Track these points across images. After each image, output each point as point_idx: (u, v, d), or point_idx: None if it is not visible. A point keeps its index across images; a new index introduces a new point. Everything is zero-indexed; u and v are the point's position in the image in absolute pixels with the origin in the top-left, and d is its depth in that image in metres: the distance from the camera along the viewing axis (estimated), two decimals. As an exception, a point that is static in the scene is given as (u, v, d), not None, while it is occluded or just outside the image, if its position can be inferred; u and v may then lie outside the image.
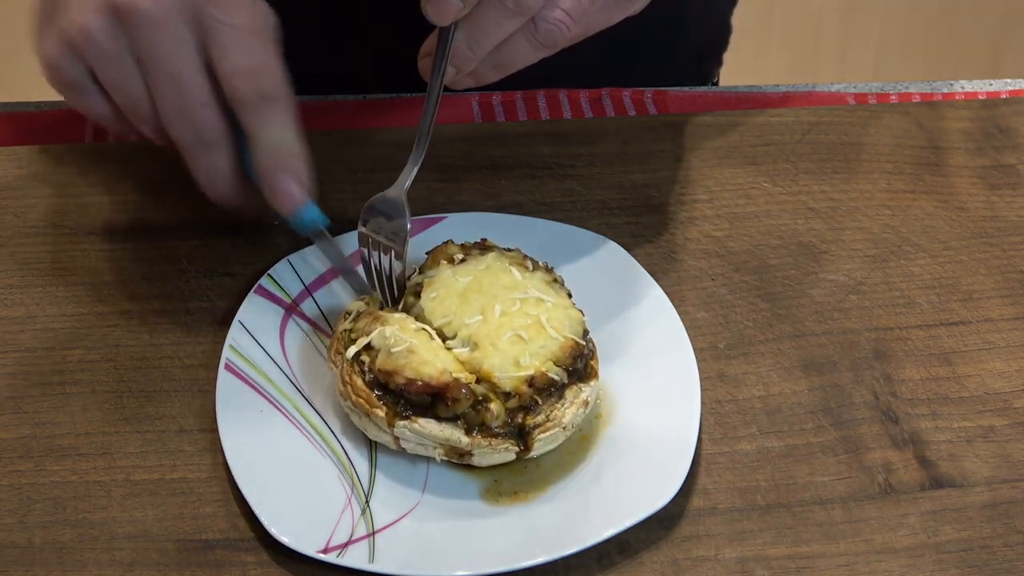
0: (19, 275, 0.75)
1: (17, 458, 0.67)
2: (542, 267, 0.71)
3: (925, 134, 0.87)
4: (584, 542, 0.63)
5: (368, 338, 0.66)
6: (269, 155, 0.65)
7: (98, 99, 0.67)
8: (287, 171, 0.66)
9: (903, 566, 0.65)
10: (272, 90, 0.64)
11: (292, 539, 0.62)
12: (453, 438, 0.64)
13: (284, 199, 0.66)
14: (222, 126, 0.65)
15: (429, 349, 0.65)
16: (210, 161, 0.66)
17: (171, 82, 0.63)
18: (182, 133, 0.65)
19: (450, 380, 0.64)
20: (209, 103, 0.64)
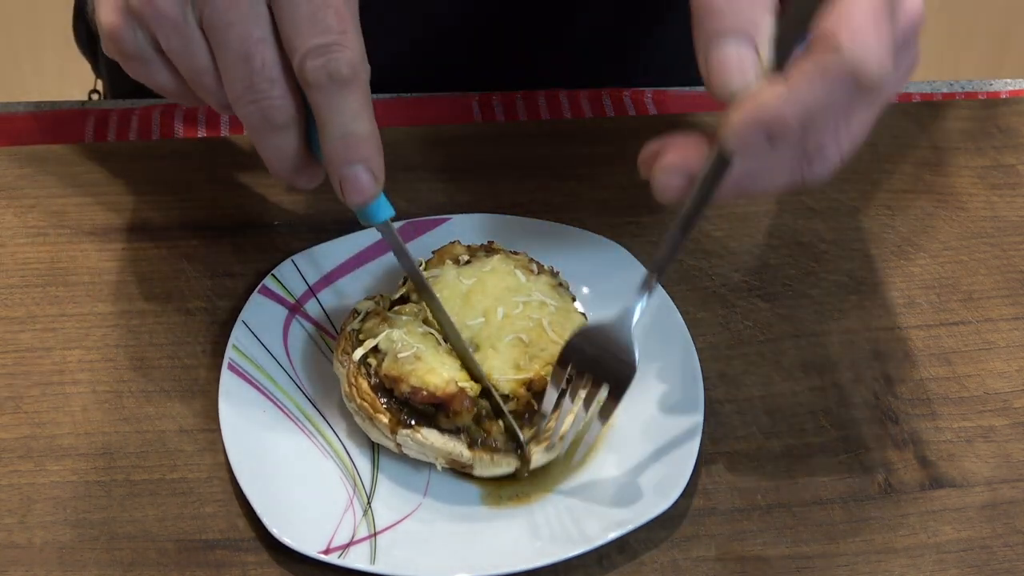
0: (19, 275, 0.75)
1: (17, 458, 0.67)
2: (547, 271, 0.71)
3: (925, 134, 0.87)
4: (586, 545, 0.63)
5: (375, 341, 0.66)
6: (339, 143, 0.59)
7: (162, 70, 0.61)
8: (358, 161, 0.60)
9: (903, 566, 0.65)
10: (346, 72, 0.58)
11: (294, 540, 0.62)
12: (455, 451, 0.64)
13: (354, 192, 0.60)
14: (292, 107, 0.59)
15: (436, 356, 0.65)
16: (277, 142, 0.61)
17: (239, 58, 0.58)
18: (248, 112, 0.60)
19: (455, 391, 0.64)
20: (278, 80, 0.59)
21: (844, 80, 0.54)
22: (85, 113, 0.86)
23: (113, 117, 0.86)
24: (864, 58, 0.53)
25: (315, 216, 0.78)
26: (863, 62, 0.53)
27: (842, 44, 0.53)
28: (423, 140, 0.84)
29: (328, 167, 0.60)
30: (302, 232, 0.78)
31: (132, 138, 0.84)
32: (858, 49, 0.53)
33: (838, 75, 0.54)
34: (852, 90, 0.54)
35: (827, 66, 0.54)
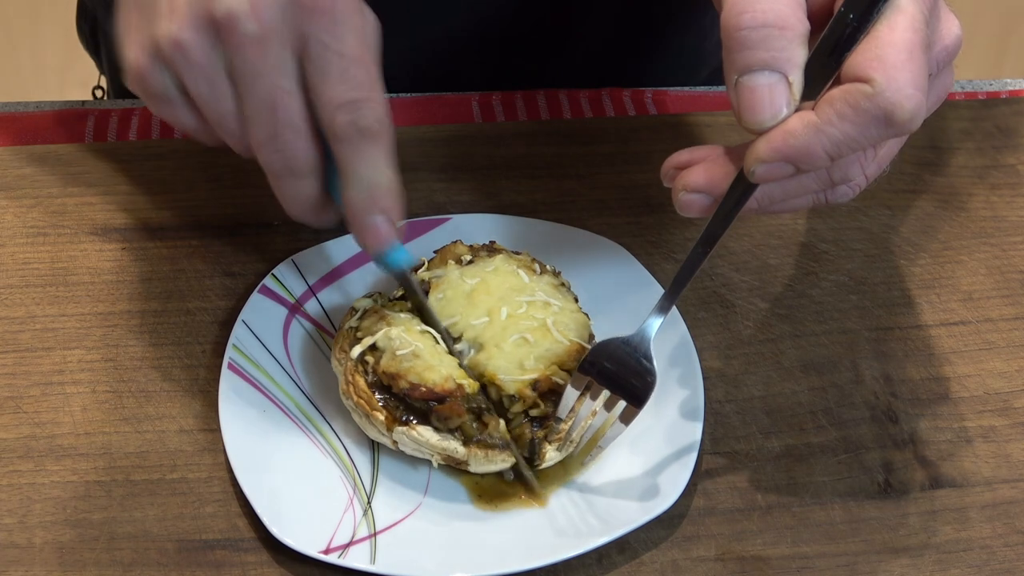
0: (19, 275, 0.75)
1: (17, 458, 0.67)
2: (550, 271, 0.71)
3: (925, 134, 0.87)
4: (586, 545, 0.63)
5: (373, 338, 0.66)
6: (362, 193, 0.61)
7: (185, 111, 0.62)
8: (379, 212, 0.61)
9: (903, 566, 0.65)
10: (373, 125, 0.59)
11: (294, 540, 0.62)
12: (450, 448, 0.64)
13: (373, 239, 0.62)
14: (313, 155, 0.61)
15: (434, 354, 0.65)
16: (297, 188, 0.62)
17: (264, 106, 0.59)
18: (271, 160, 0.61)
19: (453, 387, 0.64)
20: (302, 131, 0.60)
21: (877, 119, 0.54)
22: (85, 113, 0.86)
23: (113, 117, 0.86)
24: (898, 100, 0.53)
25: (315, 216, 0.78)
26: (897, 104, 0.53)
27: (876, 83, 0.53)
28: (423, 140, 0.84)
29: (349, 215, 0.62)
30: (302, 232, 0.78)
31: (132, 138, 0.84)
32: (893, 91, 0.53)
33: (872, 115, 0.54)
34: (884, 128, 0.54)
35: (861, 105, 0.54)
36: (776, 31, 0.55)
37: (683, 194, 0.60)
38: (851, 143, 0.55)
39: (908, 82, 0.53)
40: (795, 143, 0.55)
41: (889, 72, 0.53)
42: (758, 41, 0.55)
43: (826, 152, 0.55)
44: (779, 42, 0.55)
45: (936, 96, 0.60)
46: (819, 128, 0.54)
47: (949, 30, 0.58)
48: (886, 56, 0.54)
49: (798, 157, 0.55)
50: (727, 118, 0.88)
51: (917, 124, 0.55)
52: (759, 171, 0.56)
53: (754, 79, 0.55)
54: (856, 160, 0.58)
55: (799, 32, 0.55)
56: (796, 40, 0.55)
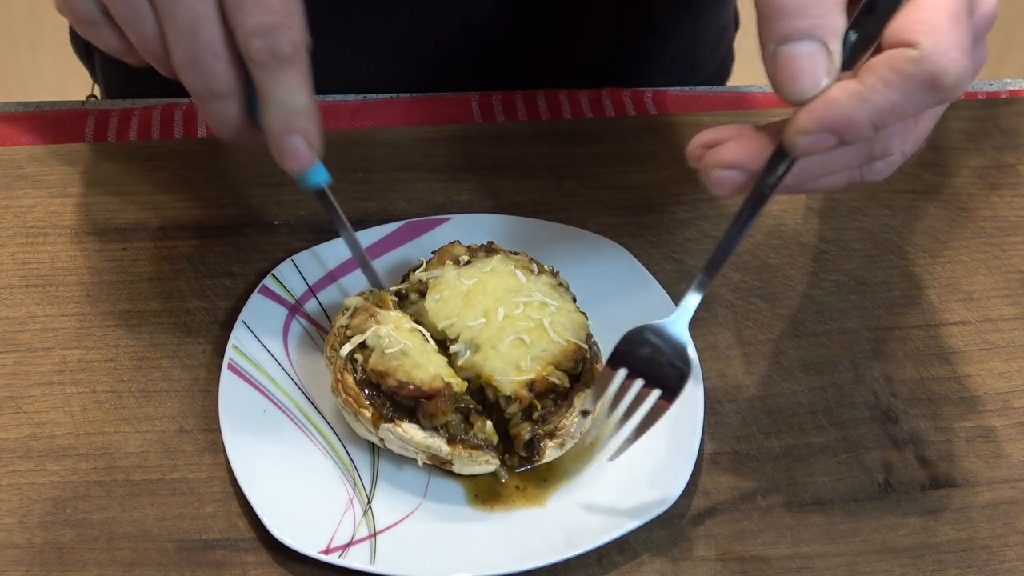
0: (19, 275, 0.75)
1: (17, 458, 0.67)
2: (547, 271, 0.70)
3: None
4: (585, 545, 0.63)
5: (363, 337, 0.66)
6: (279, 116, 0.62)
7: (110, 34, 0.64)
8: (297, 132, 0.63)
9: (903, 566, 0.65)
10: (287, 50, 0.60)
11: (294, 540, 0.62)
12: (434, 446, 0.64)
13: (291, 159, 0.64)
14: (232, 79, 0.62)
15: (423, 352, 0.65)
16: (219, 109, 0.64)
17: (184, 31, 0.61)
18: (192, 81, 0.62)
19: (441, 386, 0.64)
20: (221, 55, 0.61)
21: (923, 84, 0.52)
22: (85, 113, 0.86)
23: (113, 117, 0.86)
24: (945, 65, 0.52)
25: (315, 216, 0.78)
26: (944, 69, 0.52)
27: (922, 47, 0.52)
28: (423, 140, 0.84)
29: (268, 136, 0.63)
30: (302, 232, 0.78)
31: (132, 138, 0.84)
32: (939, 54, 0.52)
33: (918, 80, 0.52)
34: (930, 94, 0.53)
35: (906, 70, 0.52)
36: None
37: (717, 171, 0.58)
38: (896, 111, 0.53)
39: (954, 45, 0.52)
40: (838, 112, 0.53)
41: (935, 35, 0.52)
42: (796, 8, 0.53)
43: (871, 121, 0.53)
44: (818, 9, 0.53)
45: (975, 69, 0.58)
46: (863, 96, 0.53)
47: (988, 2, 0.58)
48: (931, 19, 0.52)
49: (842, 127, 0.53)
50: (728, 118, 0.88)
51: (963, 89, 0.53)
52: (802, 143, 0.55)
53: (793, 48, 0.54)
54: (898, 132, 0.57)
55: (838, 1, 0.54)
56: (835, 7, 0.54)
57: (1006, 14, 2.36)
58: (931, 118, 0.60)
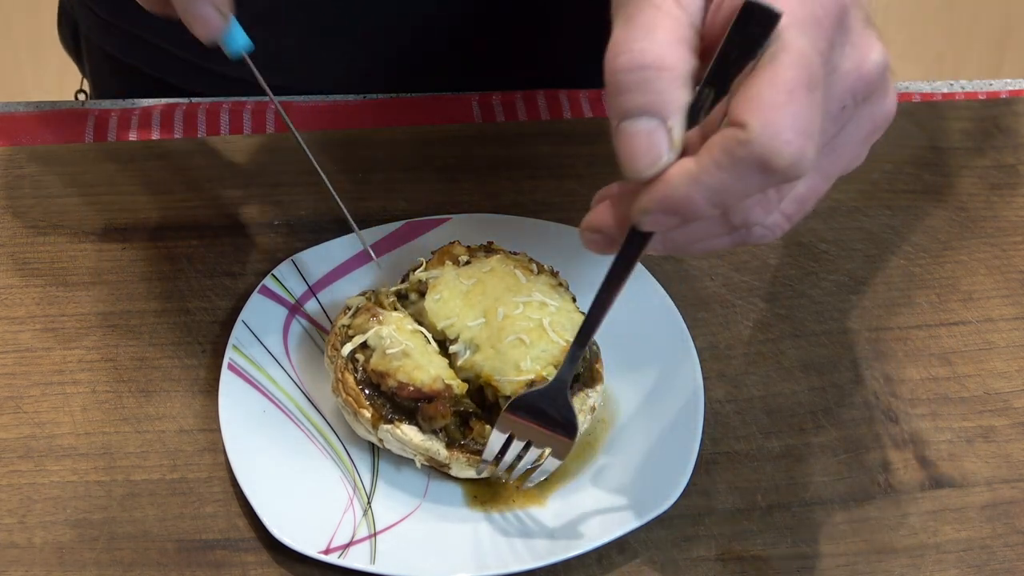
0: (19, 275, 0.75)
1: (17, 458, 0.67)
2: (547, 271, 0.70)
3: (925, 134, 0.87)
4: (586, 545, 0.63)
5: (364, 337, 0.66)
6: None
7: None
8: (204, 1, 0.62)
9: (903, 566, 0.65)
10: None
11: (294, 540, 0.62)
12: (433, 450, 0.64)
13: (202, 27, 0.63)
14: None
15: (424, 354, 0.65)
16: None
17: None
18: None
19: (441, 388, 0.64)
20: None
21: (754, 167, 0.49)
22: (85, 113, 0.86)
23: (113, 117, 0.86)
24: (775, 147, 0.48)
25: (315, 216, 0.78)
26: (774, 151, 0.48)
27: (750, 128, 0.48)
28: (423, 140, 0.84)
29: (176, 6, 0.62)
30: (302, 232, 0.78)
31: (132, 138, 0.84)
32: (768, 136, 0.48)
33: (748, 162, 0.49)
34: (763, 176, 0.49)
35: (736, 152, 0.49)
36: (654, 73, 0.50)
37: (583, 233, 0.56)
38: (732, 192, 0.50)
39: (787, 126, 0.48)
40: (673, 194, 0.51)
41: (766, 115, 0.49)
42: (635, 84, 0.50)
43: (707, 201, 0.51)
44: (657, 84, 0.50)
45: (867, 129, 0.56)
46: (696, 177, 0.50)
47: (865, 57, 0.53)
48: (764, 97, 0.49)
49: (678, 208, 0.51)
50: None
51: (803, 170, 0.50)
52: (644, 221, 0.53)
53: (632, 125, 0.51)
54: (756, 204, 0.53)
55: (680, 73, 0.51)
56: (676, 82, 0.51)
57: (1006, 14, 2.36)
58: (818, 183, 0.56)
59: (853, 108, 0.54)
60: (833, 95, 0.52)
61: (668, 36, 0.51)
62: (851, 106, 0.54)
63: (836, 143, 0.55)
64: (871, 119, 0.55)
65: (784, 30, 0.49)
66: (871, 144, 0.57)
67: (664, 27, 0.51)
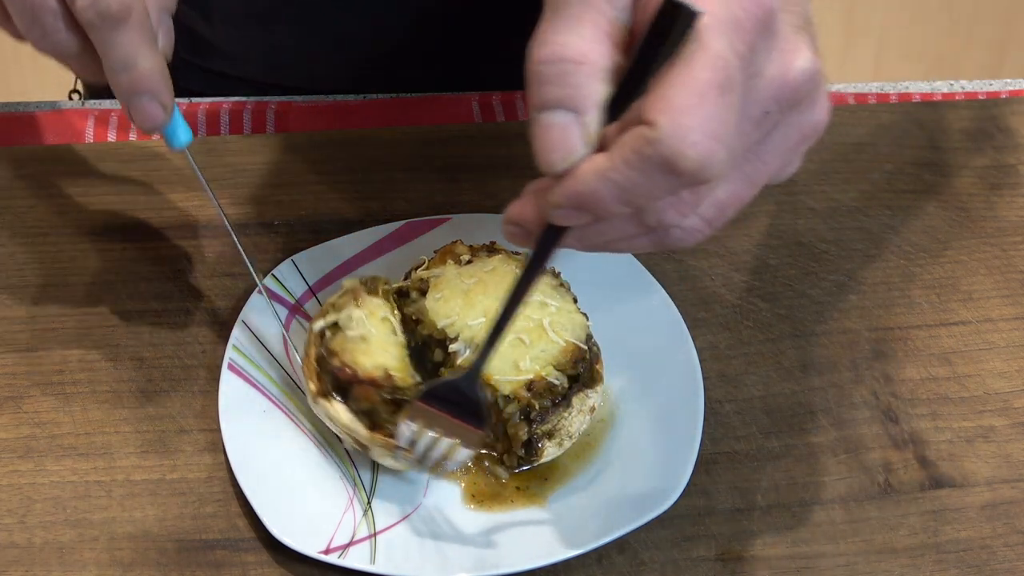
0: (19, 275, 0.75)
1: (17, 458, 0.67)
2: (548, 271, 0.70)
3: (925, 134, 0.87)
4: (586, 545, 0.63)
5: (337, 316, 0.67)
6: (120, 77, 0.61)
7: None
8: (142, 92, 0.62)
9: (903, 566, 0.65)
10: (116, 10, 0.59)
11: (294, 540, 0.62)
12: (355, 429, 0.64)
13: (141, 120, 0.63)
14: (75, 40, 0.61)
15: (381, 343, 0.66)
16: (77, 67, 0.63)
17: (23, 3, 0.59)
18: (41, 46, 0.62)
19: (380, 376, 0.64)
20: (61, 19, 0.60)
21: (660, 167, 0.48)
22: (85, 113, 0.86)
23: (113, 117, 0.86)
24: (680, 148, 0.48)
25: (315, 216, 0.79)
26: (680, 153, 0.48)
27: (658, 128, 0.48)
28: (423, 140, 0.84)
29: (118, 98, 0.62)
30: (302, 232, 0.78)
31: (132, 138, 0.84)
32: (676, 137, 0.48)
33: (655, 162, 0.48)
34: (670, 177, 0.49)
35: (643, 151, 0.48)
36: (573, 66, 0.50)
37: (503, 225, 0.56)
38: (642, 191, 0.49)
39: (696, 127, 0.48)
40: (583, 189, 0.50)
41: (674, 115, 0.48)
42: (553, 76, 0.50)
43: (617, 199, 0.50)
44: (575, 78, 0.50)
45: (795, 137, 0.54)
46: (606, 174, 0.49)
47: (790, 63, 0.52)
48: (674, 97, 0.48)
49: (588, 204, 0.50)
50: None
51: (711, 173, 0.49)
52: (556, 216, 0.52)
53: (548, 117, 0.50)
54: (669, 206, 0.52)
55: (599, 67, 0.50)
56: (594, 76, 0.50)
57: (1006, 14, 2.36)
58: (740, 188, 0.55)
59: (779, 115, 0.53)
60: (755, 100, 0.51)
61: (592, 31, 0.50)
62: (775, 112, 0.52)
63: (761, 150, 0.54)
64: (799, 128, 0.54)
65: (703, 30, 0.48)
66: (801, 153, 0.56)
67: (590, 21, 0.50)
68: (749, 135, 0.52)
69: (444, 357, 0.67)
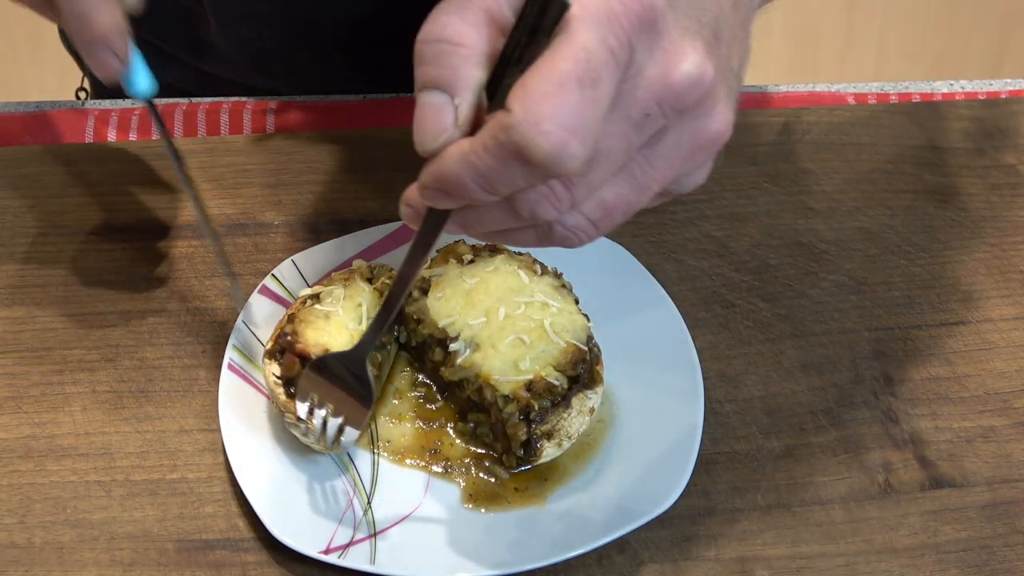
0: (19, 275, 0.75)
1: (17, 458, 0.67)
2: (550, 272, 0.70)
3: (925, 134, 0.87)
4: (586, 546, 0.63)
5: (319, 291, 0.68)
6: (75, 28, 0.61)
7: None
8: (96, 43, 0.62)
9: (903, 566, 0.65)
10: None
11: (294, 540, 0.62)
12: (277, 393, 0.65)
13: (99, 70, 0.63)
14: None
15: (340, 326, 0.67)
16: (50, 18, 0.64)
17: None
18: None
19: (315, 352, 0.65)
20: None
21: (513, 155, 0.48)
22: (85, 113, 0.86)
23: (113, 117, 0.86)
24: (531, 136, 0.47)
25: (315, 216, 0.79)
26: (530, 141, 0.47)
27: (514, 115, 0.47)
28: (423, 140, 0.84)
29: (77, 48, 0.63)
30: (302, 232, 0.78)
31: (132, 138, 0.84)
32: (527, 125, 0.47)
33: (508, 149, 0.48)
34: (523, 166, 0.48)
35: (498, 137, 0.48)
36: (450, 48, 0.49)
37: (401, 204, 0.56)
38: (498, 178, 0.49)
39: (550, 116, 0.47)
40: (445, 171, 0.50)
41: (529, 103, 0.47)
42: (431, 57, 0.50)
43: (476, 184, 0.50)
44: (451, 60, 0.50)
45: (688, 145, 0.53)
46: (466, 158, 0.49)
47: (673, 65, 0.50)
48: (530, 86, 0.48)
49: (449, 186, 0.50)
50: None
51: (564, 165, 0.48)
52: (424, 196, 0.52)
53: (424, 97, 0.50)
54: (542, 199, 0.51)
55: (476, 51, 0.50)
56: (471, 59, 0.50)
57: (1006, 15, 2.35)
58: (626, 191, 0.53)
59: (664, 119, 0.51)
60: (634, 100, 0.50)
61: (476, 15, 0.50)
62: (659, 116, 0.51)
63: (650, 155, 0.53)
64: (693, 135, 0.53)
65: (572, 21, 0.48)
66: (701, 163, 0.55)
67: (477, 5, 0.50)
68: (629, 136, 0.51)
69: (444, 356, 0.67)
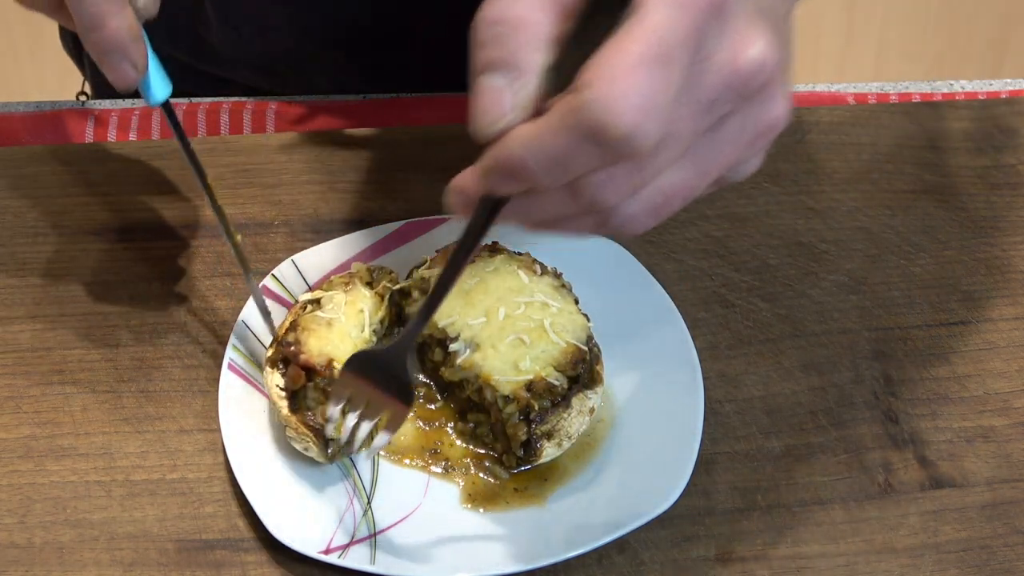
0: (19, 275, 0.75)
1: (17, 458, 0.67)
2: (550, 272, 0.70)
3: (925, 134, 0.87)
4: (585, 545, 0.63)
5: (322, 295, 0.68)
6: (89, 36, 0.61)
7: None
8: (111, 52, 0.61)
9: (903, 566, 0.65)
10: None
11: (294, 540, 0.62)
12: (279, 404, 0.65)
13: (114, 78, 0.63)
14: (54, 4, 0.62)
15: (342, 333, 0.66)
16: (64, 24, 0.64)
17: None
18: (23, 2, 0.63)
19: (323, 364, 0.64)
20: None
21: (587, 134, 0.46)
22: (85, 113, 0.86)
23: (113, 117, 0.86)
24: (610, 115, 0.46)
25: (315, 216, 0.79)
26: (608, 119, 0.46)
27: (591, 92, 0.46)
28: (423, 140, 0.84)
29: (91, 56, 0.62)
30: (302, 232, 0.78)
31: (132, 138, 0.84)
32: (606, 101, 0.46)
33: (582, 128, 0.46)
34: (597, 146, 0.47)
35: (572, 116, 0.46)
36: (510, 30, 0.48)
37: (447, 194, 0.54)
38: (566, 160, 0.47)
39: (629, 93, 0.46)
40: (508, 155, 0.49)
41: (604, 83, 0.46)
42: (492, 39, 0.49)
43: (541, 167, 0.48)
44: (511, 42, 0.48)
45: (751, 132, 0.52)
46: (533, 140, 0.48)
47: (741, 50, 0.49)
48: (611, 62, 0.46)
49: (513, 170, 0.49)
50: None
51: (639, 146, 0.47)
52: (485, 182, 0.51)
53: (484, 80, 0.49)
54: (604, 183, 0.49)
55: (537, 33, 0.48)
56: (532, 42, 0.48)
57: (1006, 15, 2.35)
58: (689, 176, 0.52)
59: (731, 104, 0.50)
60: (703, 84, 0.49)
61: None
62: (725, 101, 0.50)
63: (714, 139, 0.51)
64: (755, 122, 0.52)
65: (643, 4, 0.47)
66: (759, 150, 0.54)
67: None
68: (696, 120, 0.50)
69: (444, 356, 0.67)
